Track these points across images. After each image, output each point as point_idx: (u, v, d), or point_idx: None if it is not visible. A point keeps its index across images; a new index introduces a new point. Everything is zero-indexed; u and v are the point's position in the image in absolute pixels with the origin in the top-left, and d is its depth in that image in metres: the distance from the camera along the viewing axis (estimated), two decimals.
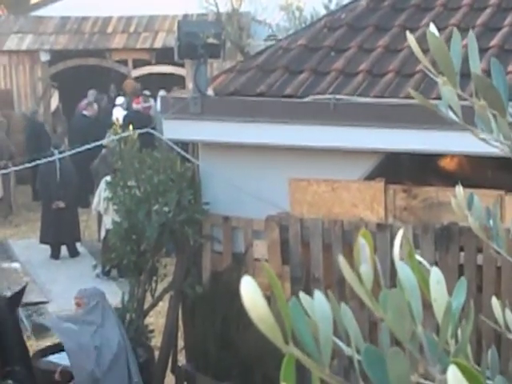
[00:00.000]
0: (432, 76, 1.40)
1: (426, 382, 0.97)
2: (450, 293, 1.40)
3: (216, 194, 7.44)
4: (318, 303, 0.90)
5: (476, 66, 1.31)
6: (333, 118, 6.63)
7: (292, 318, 0.87)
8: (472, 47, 1.31)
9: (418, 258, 1.15)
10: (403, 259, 1.10)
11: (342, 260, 0.95)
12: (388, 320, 0.94)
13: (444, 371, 0.90)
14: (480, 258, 6.33)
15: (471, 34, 1.34)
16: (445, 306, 1.04)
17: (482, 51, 6.02)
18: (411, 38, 1.39)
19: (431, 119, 5.95)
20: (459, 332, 1.12)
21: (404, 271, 1.01)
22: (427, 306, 1.15)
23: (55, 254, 13.45)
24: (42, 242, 13.54)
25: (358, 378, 0.97)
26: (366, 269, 0.95)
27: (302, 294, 0.96)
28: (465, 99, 1.46)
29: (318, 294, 0.93)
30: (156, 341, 8.17)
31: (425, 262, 1.17)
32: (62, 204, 13.20)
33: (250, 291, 0.86)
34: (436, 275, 1.12)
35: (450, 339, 1.10)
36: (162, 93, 16.64)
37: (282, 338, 0.87)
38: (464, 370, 0.86)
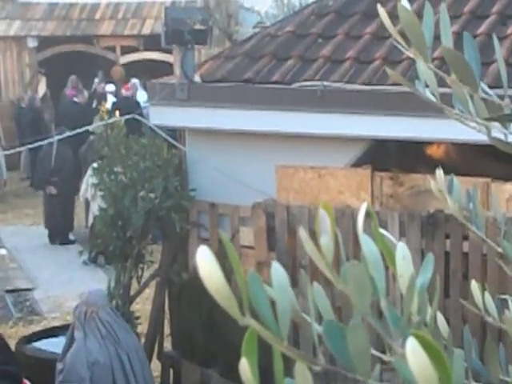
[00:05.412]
0: (402, 49, 1.38)
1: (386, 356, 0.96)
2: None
3: (203, 180, 7.42)
4: (275, 273, 0.89)
5: (448, 40, 1.29)
6: (320, 104, 6.61)
7: (250, 290, 0.86)
8: (444, 21, 1.29)
9: (385, 232, 1.14)
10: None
11: (302, 231, 0.94)
12: (349, 293, 0.93)
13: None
14: (466, 246, 6.34)
15: (443, 6, 1.32)
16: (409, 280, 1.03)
17: None
18: (382, 11, 1.37)
19: (418, 106, 5.94)
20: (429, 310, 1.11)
21: (367, 244, 1.00)
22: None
23: (53, 239, 13.50)
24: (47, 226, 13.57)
25: (317, 351, 0.96)
26: (325, 240, 0.93)
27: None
28: (443, 84, 1.44)
29: (276, 265, 0.91)
30: (142, 327, 8.16)
31: (392, 238, 1.16)
32: (53, 190, 13.18)
33: (206, 261, 0.85)
34: (402, 250, 1.10)
35: (416, 315, 1.09)
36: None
37: (238, 309, 0.85)
38: (424, 343, 0.85)
